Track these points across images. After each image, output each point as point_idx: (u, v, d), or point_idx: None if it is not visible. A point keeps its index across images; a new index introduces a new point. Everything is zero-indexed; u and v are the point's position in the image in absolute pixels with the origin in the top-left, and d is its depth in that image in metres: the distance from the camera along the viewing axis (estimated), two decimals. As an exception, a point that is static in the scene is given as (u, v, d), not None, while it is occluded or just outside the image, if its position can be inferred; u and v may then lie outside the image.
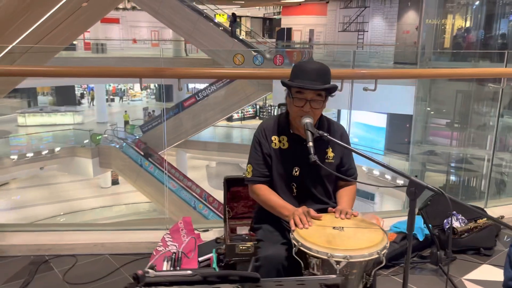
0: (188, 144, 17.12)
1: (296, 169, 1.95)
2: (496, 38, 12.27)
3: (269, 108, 23.47)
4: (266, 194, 1.95)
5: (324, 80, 1.85)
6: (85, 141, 16.73)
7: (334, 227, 1.71)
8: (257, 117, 23.90)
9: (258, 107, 23.75)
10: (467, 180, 10.88)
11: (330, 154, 1.98)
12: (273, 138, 1.98)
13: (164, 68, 2.50)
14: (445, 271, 2.55)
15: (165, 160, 15.99)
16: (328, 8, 20.86)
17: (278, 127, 2.00)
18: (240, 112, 21.28)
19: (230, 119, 20.94)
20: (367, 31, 19.08)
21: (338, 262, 1.55)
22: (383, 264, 1.62)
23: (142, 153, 16.09)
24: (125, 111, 22.34)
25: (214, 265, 2.14)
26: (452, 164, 12.00)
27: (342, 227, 1.71)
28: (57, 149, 16.21)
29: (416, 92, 10.88)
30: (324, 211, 1.87)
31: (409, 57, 14.50)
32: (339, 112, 14.98)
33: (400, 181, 11.97)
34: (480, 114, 11.00)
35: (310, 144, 1.76)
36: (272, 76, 2.84)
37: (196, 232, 2.86)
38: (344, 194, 2.01)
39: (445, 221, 2.93)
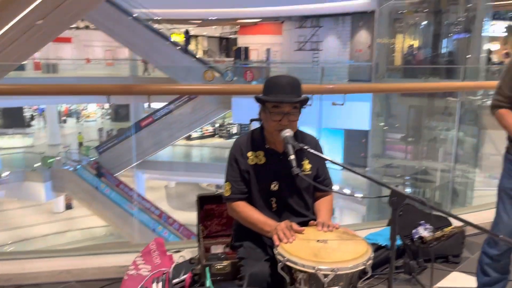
0: (145, 165, 16.70)
1: (275, 184, 1.94)
2: (442, 56, 13.01)
3: (228, 126, 23.44)
4: (246, 211, 1.91)
5: (298, 93, 1.87)
6: (36, 165, 15.96)
7: (318, 240, 1.70)
8: (216, 136, 23.81)
9: (217, 125, 23.68)
10: (423, 192, 11.30)
11: (307, 166, 1.98)
12: (249, 154, 1.96)
13: (133, 84, 2.43)
14: (420, 280, 2.60)
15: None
16: (283, 28, 21.35)
17: (253, 143, 1.97)
18: (199, 130, 21.12)
19: (189, 138, 20.72)
20: (322, 50, 19.66)
21: (325, 275, 1.53)
22: (369, 275, 1.62)
23: (95, 172, 15.54)
24: (79, 132, 21.60)
25: (209, 283, 2.07)
26: (407, 177, 12.44)
27: (326, 240, 1.70)
28: (5, 174, 15.35)
29: (372, 107, 11.26)
30: (304, 224, 1.86)
31: (363, 74, 15.02)
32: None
33: (359, 194, 12.27)
34: (431, 128, 11.53)
35: (292, 157, 1.75)
36: (244, 91, 2.84)
37: (168, 253, 2.77)
38: (322, 206, 2.01)
39: (413, 230, 3.00)
